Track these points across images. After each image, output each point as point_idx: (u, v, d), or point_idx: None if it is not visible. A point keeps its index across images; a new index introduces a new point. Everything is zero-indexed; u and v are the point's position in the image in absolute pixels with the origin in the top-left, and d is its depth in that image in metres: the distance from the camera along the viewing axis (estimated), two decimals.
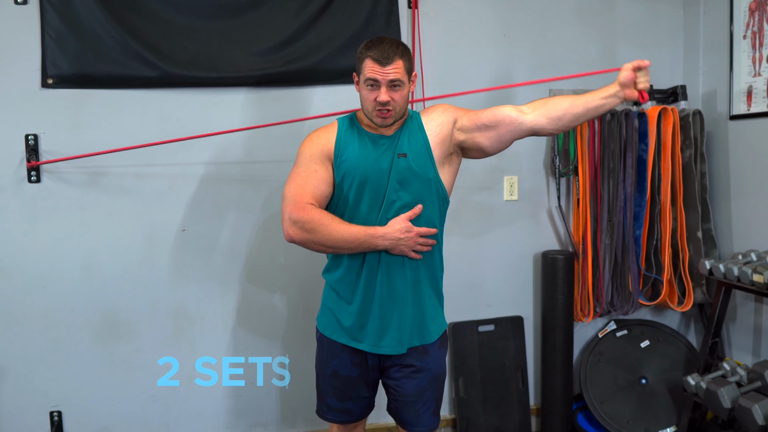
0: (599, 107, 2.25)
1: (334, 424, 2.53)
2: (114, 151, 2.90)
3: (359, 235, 2.17)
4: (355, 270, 2.27)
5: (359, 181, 2.23)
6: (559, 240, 3.56)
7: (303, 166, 2.26)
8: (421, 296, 2.31)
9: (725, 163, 3.46)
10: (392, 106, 2.17)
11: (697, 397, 3.13)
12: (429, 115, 2.34)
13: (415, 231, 2.21)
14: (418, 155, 2.25)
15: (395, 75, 2.14)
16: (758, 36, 3.24)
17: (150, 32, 2.98)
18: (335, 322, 2.34)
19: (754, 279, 2.93)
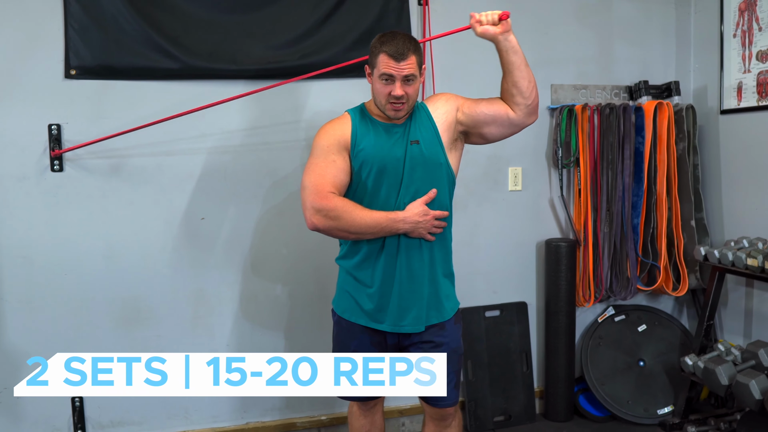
0: (508, 60, 2.35)
1: (354, 404, 2.64)
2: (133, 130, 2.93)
3: (381, 221, 2.27)
4: (374, 255, 2.38)
5: (377, 169, 2.34)
6: (560, 229, 3.71)
7: (321, 157, 2.35)
8: (436, 275, 2.43)
9: (716, 156, 3.64)
10: (405, 99, 2.29)
11: (694, 377, 3.30)
12: (434, 103, 2.47)
13: (431, 214, 2.32)
14: (429, 142, 2.38)
15: (409, 70, 2.25)
16: (748, 35, 3.43)
17: (171, 25, 3.06)
18: (354, 304, 2.44)
19: (749, 263, 3.10)
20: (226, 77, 3.13)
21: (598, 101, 3.64)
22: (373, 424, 2.66)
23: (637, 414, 3.53)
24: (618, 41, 3.70)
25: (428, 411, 2.58)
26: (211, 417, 3.29)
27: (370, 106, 2.44)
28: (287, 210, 3.28)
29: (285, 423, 3.37)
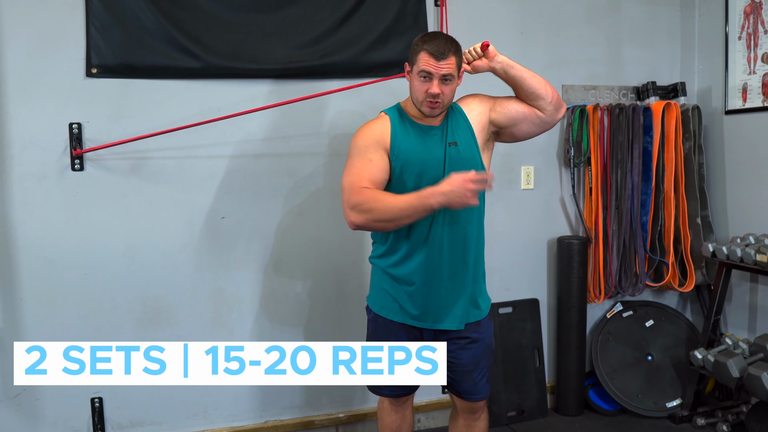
0: (513, 80, 2.46)
1: (386, 400, 2.67)
2: (155, 134, 2.94)
3: (412, 201, 2.19)
4: (416, 252, 2.40)
5: (418, 171, 2.37)
6: (571, 227, 3.78)
7: (358, 157, 2.37)
8: (477, 275, 2.49)
9: (721, 155, 3.74)
10: (441, 98, 2.31)
11: (703, 370, 3.39)
12: (468, 105, 2.50)
13: (460, 177, 2.12)
14: (466, 143, 2.42)
15: (448, 70, 2.28)
16: (753, 37, 3.53)
17: (193, 24, 3.05)
18: (392, 301, 2.47)
19: (758, 259, 3.20)
20: (248, 77, 3.14)
21: (607, 102, 3.71)
22: (403, 419, 2.69)
23: (647, 407, 3.61)
24: (626, 43, 3.77)
25: (459, 404, 2.62)
26: (230, 416, 3.29)
27: (407, 106, 2.46)
28: (307, 210, 3.30)
29: (303, 421, 3.38)
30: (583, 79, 3.70)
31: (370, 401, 3.49)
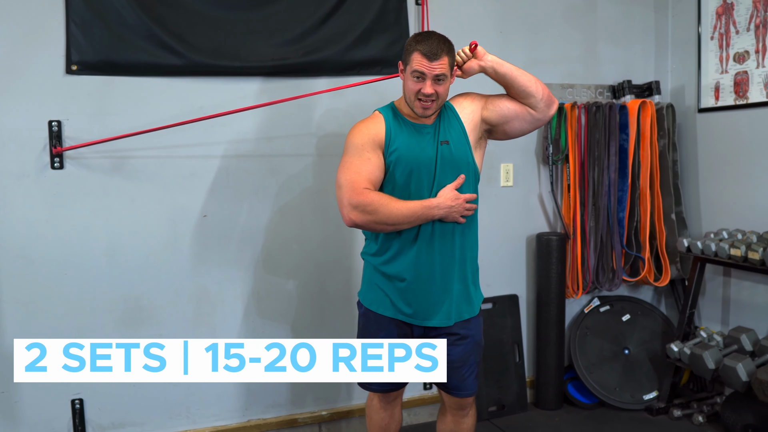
0: (505, 80, 2.47)
1: (375, 396, 2.68)
2: (136, 134, 2.91)
3: (416, 209, 2.33)
4: (406, 250, 2.43)
5: (411, 168, 2.40)
6: (549, 223, 3.83)
7: (355, 155, 2.39)
8: (465, 272, 2.51)
9: (694, 152, 3.83)
10: (435, 98, 2.34)
11: (680, 362, 3.47)
12: (460, 103, 2.53)
13: (462, 198, 2.39)
14: (458, 142, 2.44)
15: (441, 70, 2.31)
16: (725, 37, 3.62)
17: (175, 21, 3.03)
18: (383, 296, 2.49)
19: (732, 253, 3.28)
20: (231, 74, 3.12)
21: (584, 100, 3.77)
22: (392, 417, 2.71)
23: (624, 400, 3.69)
24: (602, 42, 3.84)
25: (447, 401, 2.64)
26: (213, 415, 3.27)
27: (400, 105, 2.48)
28: (291, 208, 3.30)
29: (287, 419, 3.37)
30: (561, 78, 3.76)
31: (353, 399, 3.51)
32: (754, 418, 3.24)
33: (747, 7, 3.48)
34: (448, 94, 2.41)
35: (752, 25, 3.46)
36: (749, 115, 3.51)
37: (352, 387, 3.50)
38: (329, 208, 3.34)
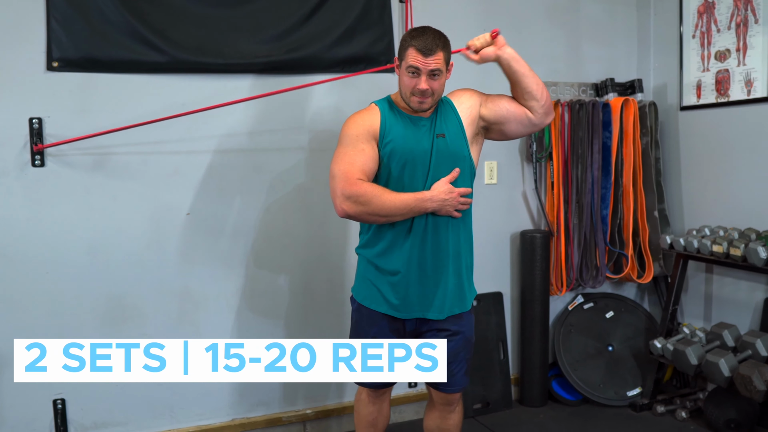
0: (514, 75, 2.46)
1: (364, 391, 2.68)
2: (117, 130, 2.89)
3: (409, 201, 2.33)
4: (399, 242, 2.43)
5: (405, 160, 2.40)
6: (533, 221, 3.85)
7: (350, 146, 2.38)
8: (460, 267, 2.50)
9: (676, 150, 3.86)
10: (430, 93, 2.35)
11: (663, 359, 3.49)
12: (459, 98, 2.53)
13: (457, 191, 2.39)
14: (454, 135, 2.45)
15: (436, 65, 2.31)
16: (706, 36, 3.64)
17: (158, 18, 3.01)
18: (375, 292, 2.49)
19: (714, 250, 3.30)
20: (214, 71, 3.11)
21: (567, 98, 3.79)
22: (380, 412, 2.70)
23: (608, 396, 3.70)
24: (585, 40, 3.86)
25: (435, 396, 2.64)
26: (197, 415, 3.25)
27: (397, 99, 2.48)
28: (274, 206, 3.28)
29: (271, 418, 3.36)
30: (544, 76, 3.74)
31: (338, 397, 3.50)
32: (736, 413, 3.27)
33: (728, 6, 3.51)
34: (443, 89, 2.40)
35: (733, 24, 3.49)
36: (731, 113, 3.54)
37: (337, 385, 3.49)
38: (316, 206, 3.33)
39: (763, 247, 3.06)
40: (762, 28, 3.34)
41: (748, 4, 3.40)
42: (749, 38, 3.41)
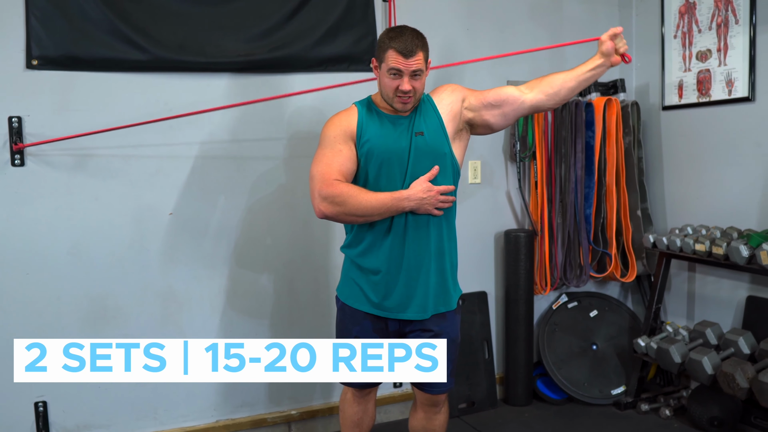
0: (589, 78, 2.52)
1: (349, 391, 2.67)
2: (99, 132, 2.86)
3: (386, 200, 2.32)
4: (379, 241, 2.42)
5: (382, 160, 2.39)
6: (517, 220, 3.85)
7: (328, 147, 2.39)
8: (444, 265, 2.49)
9: (659, 149, 3.88)
10: (413, 93, 2.35)
11: (647, 357, 3.50)
12: (439, 95, 2.52)
13: (436, 189, 2.36)
14: (433, 132, 2.43)
15: (417, 66, 2.31)
16: (688, 36, 3.67)
17: (139, 16, 2.98)
18: (358, 291, 2.49)
19: (697, 248, 3.32)
20: (196, 70, 3.09)
21: None
22: (365, 412, 2.69)
23: (593, 395, 3.71)
24: (568, 40, 3.84)
25: (420, 397, 2.63)
26: (181, 416, 3.22)
27: (377, 99, 2.48)
28: (258, 206, 3.27)
29: (256, 419, 3.34)
30: (527, 75, 3.74)
31: (323, 398, 3.49)
32: (719, 411, 3.29)
33: (709, 7, 3.54)
34: (424, 87, 2.40)
35: (714, 24, 3.52)
36: (712, 113, 3.57)
37: (322, 386, 3.48)
38: (299, 206, 3.32)
39: (744, 245, 3.09)
40: (742, 28, 3.37)
41: (728, 5, 3.43)
42: (730, 38, 3.44)
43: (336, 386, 3.50)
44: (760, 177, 3.34)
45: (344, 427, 2.74)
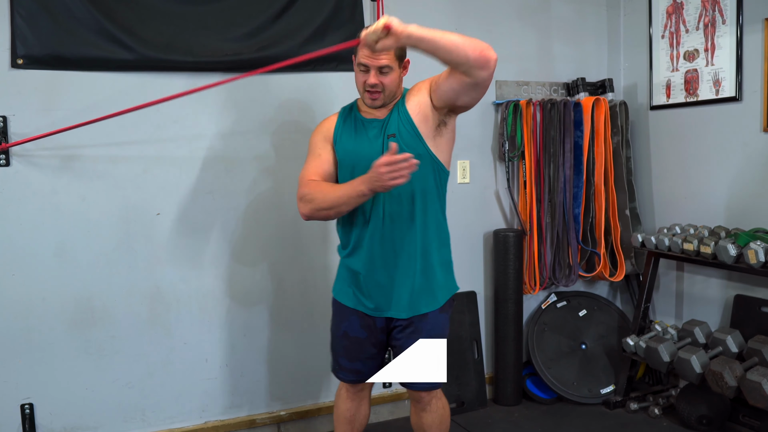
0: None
1: (343, 386, 2.69)
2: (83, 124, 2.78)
3: (345, 189, 2.31)
4: (361, 244, 2.46)
5: (353, 164, 2.41)
6: (506, 219, 3.85)
7: (310, 153, 2.53)
8: (431, 265, 2.47)
9: (647, 149, 3.89)
10: (381, 88, 2.35)
11: (636, 356, 3.51)
12: (411, 93, 2.47)
13: (383, 160, 2.14)
14: (406, 133, 2.40)
15: (385, 61, 2.32)
16: (675, 36, 3.68)
17: (125, 15, 2.96)
18: (346, 287, 2.53)
19: (685, 247, 3.33)
20: (183, 69, 3.07)
21: (539, 97, 3.81)
22: (358, 409, 2.70)
23: (582, 394, 3.71)
24: (556, 40, 3.88)
25: (408, 394, 2.66)
26: (169, 418, 3.20)
27: (359, 102, 2.51)
28: (246, 206, 3.25)
29: (245, 420, 3.32)
30: (516, 75, 3.79)
31: (312, 398, 3.48)
32: (708, 409, 3.30)
33: (696, 7, 3.55)
34: (397, 84, 2.40)
35: (701, 24, 3.53)
36: (699, 113, 3.58)
37: (311, 387, 3.47)
38: (288, 206, 3.30)
39: (732, 244, 3.10)
40: (729, 28, 3.38)
41: (715, 5, 3.45)
42: (717, 38, 3.45)
43: (325, 387, 3.49)
44: (748, 176, 3.35)
45: (337, 423, 2.75)
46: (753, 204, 3.34)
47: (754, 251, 2.97)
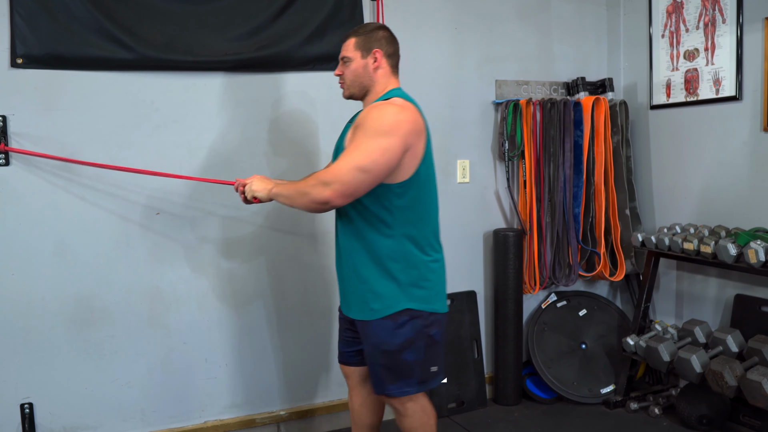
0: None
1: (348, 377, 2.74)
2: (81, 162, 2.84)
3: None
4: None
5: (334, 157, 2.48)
6: (506, 219, 3.85)
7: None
8: (358, 271, 2.36)
9: (647, 148, 3.89)
10: (343, 79, 2.43)
11: (636, 356, 3.51)
12: (365, 112, 2.31)
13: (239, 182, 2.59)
14: (343, 142, 2.40)
15: (345, 53, 2.41)
16: (675, 35, 3.68)
17: (125, 14, 2.96)
18: None
19: (685, 247, 3.33)
20: (183, 69, 3.07)
21: (538, 96, 3.80)
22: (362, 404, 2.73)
23: (582, 394, 3.71)
24: (556, 40, 3.88)
25: None
26: (169, 417, 3.20)
27: None
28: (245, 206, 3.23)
29: (244, 420, 3.32)
30: (516, 75, 3.78)
31: (312, 398, 3.48)
32: (708, 409, 3.30)
33: (696, 6, 3.55)
34: (358, 76, 2.38)
35: (701, 24, 3.53)
36: (699, 112, 3.58)
37: (310, 386, 3.47)
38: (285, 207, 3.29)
39: (732, 244, 3.09)
40: (729, 27, 3.38)
41: (715, 4, 3.44)
42: (717, 38, 3.45)
43: (325, 387, 3.50)
44: (748, 176, 3.35)
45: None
46: (753, 203, 3.34)
47: (755, 251, 2.97)
